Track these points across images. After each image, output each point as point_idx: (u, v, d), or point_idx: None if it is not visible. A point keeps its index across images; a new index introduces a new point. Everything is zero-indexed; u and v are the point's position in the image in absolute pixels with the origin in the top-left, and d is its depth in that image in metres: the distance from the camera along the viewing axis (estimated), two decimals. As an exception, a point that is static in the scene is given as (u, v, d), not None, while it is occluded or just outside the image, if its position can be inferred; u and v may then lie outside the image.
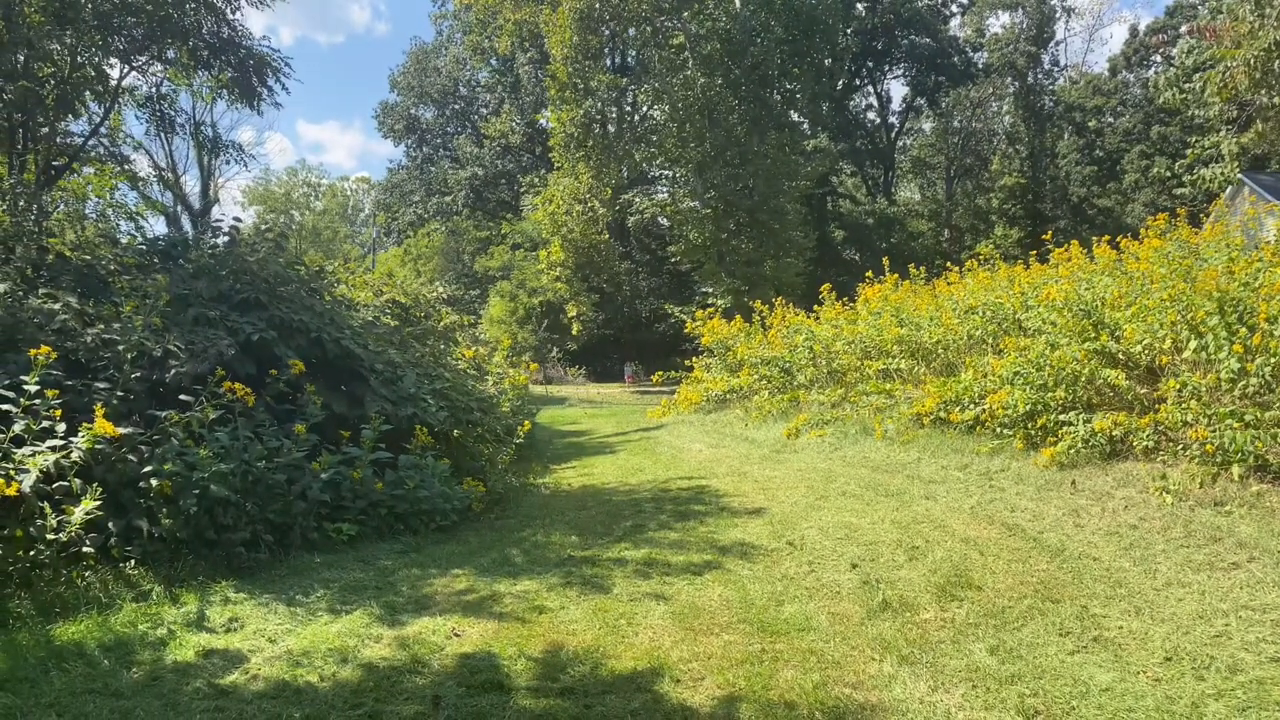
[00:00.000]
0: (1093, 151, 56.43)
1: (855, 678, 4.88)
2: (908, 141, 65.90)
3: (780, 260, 38.06)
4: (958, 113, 58.75)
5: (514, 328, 41.34)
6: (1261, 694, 4.40)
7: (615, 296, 43.78)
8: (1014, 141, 58.54)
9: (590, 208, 39.11)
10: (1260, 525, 6.94)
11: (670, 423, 19.09)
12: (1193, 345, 9.03)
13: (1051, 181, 56.46)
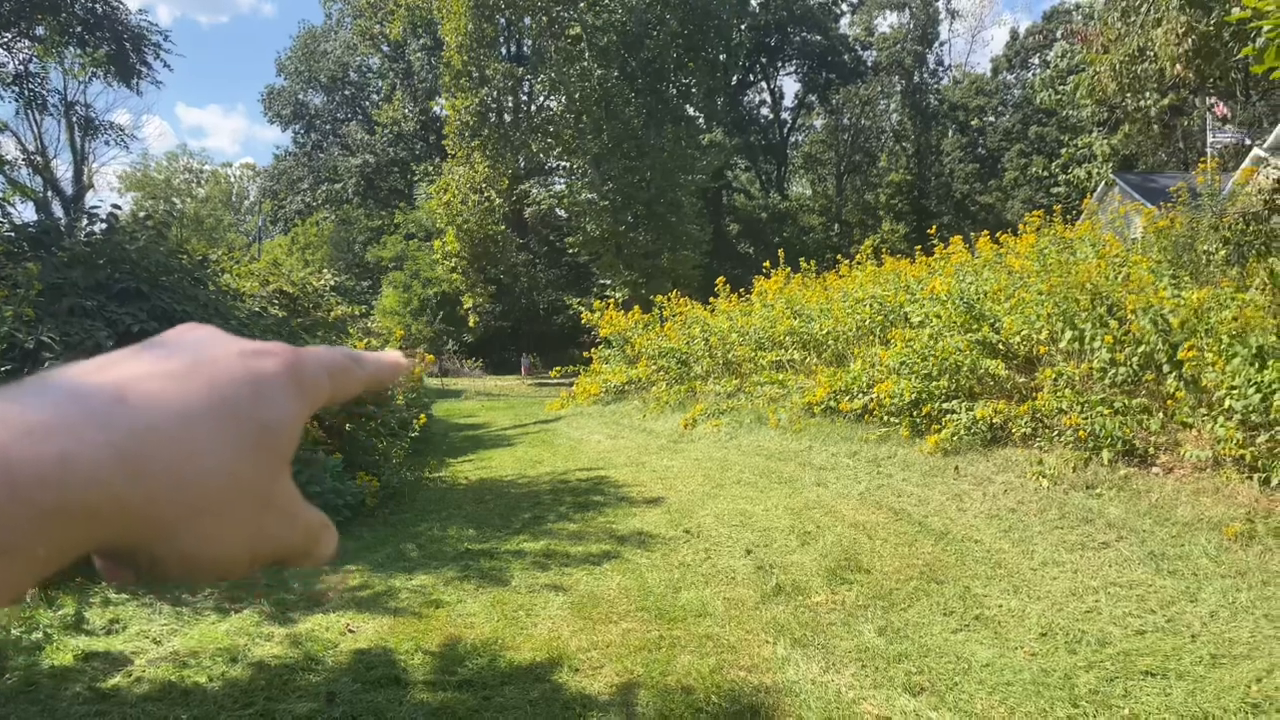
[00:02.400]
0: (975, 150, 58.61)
1: (750, 661, 4.99)
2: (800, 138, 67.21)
3: (677, 253, 38.37)
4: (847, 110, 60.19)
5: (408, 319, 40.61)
6: (1128, 665, 4.68)
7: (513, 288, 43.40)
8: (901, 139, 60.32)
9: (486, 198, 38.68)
10: (1127, 506, 7.37)
11: (569, 415, 19.09)
12: (1067, 336, 9.49)
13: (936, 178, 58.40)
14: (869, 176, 60.41)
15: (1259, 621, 5.09)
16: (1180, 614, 5.30)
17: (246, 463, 0.45)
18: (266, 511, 0.47)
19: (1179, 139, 26.22)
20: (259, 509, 0.46)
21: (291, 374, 0.48)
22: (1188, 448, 7.82)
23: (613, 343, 21.04)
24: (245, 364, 0.46)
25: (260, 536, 0.47)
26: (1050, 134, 49.43)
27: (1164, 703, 4.22)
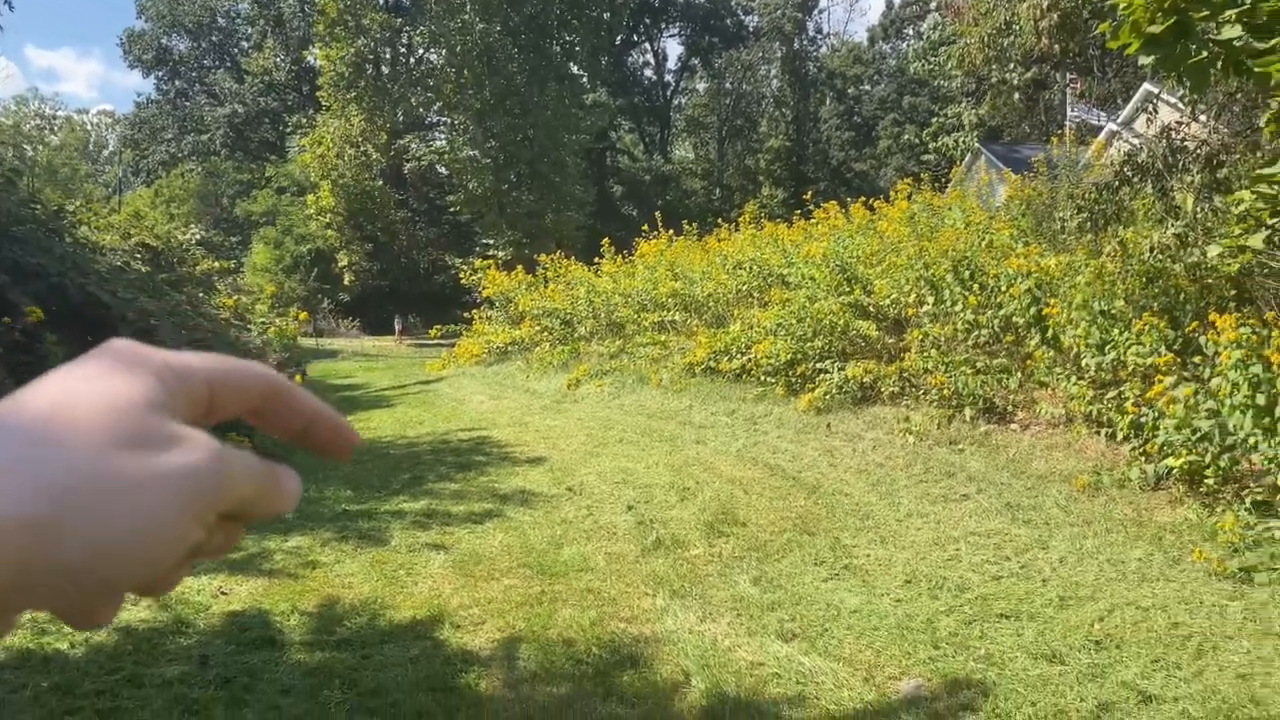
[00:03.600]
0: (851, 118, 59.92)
1: (630, 613, 5.10)
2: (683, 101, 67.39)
3: (561, 213, 38.15)
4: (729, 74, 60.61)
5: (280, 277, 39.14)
6: (985, 608, 4.98)
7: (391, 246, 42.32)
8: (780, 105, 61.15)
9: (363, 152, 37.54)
10: (987, 460, 7.78)
11: (451, 375, 18.86)
12: (933, 299, 9.90)
13: (814, 145, 59.54)
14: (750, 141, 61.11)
15: (1103, 566, 5.47)
16: (1033, 560, 5.65)
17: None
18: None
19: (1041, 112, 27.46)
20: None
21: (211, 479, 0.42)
22: (1043, 405, 8.29)
23: (495, 303, 20.84)
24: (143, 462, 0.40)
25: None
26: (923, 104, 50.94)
27: (1016, 642, 4.51)
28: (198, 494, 0.41)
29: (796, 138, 58.89)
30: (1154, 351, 7.18)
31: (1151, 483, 6.60)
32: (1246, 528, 5.53)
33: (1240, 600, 4.78)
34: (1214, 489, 6.15)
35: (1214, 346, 6.30)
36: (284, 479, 0.48)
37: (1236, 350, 6.00)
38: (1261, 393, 5.82)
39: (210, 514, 0.42)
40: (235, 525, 0.46)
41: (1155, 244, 7.19)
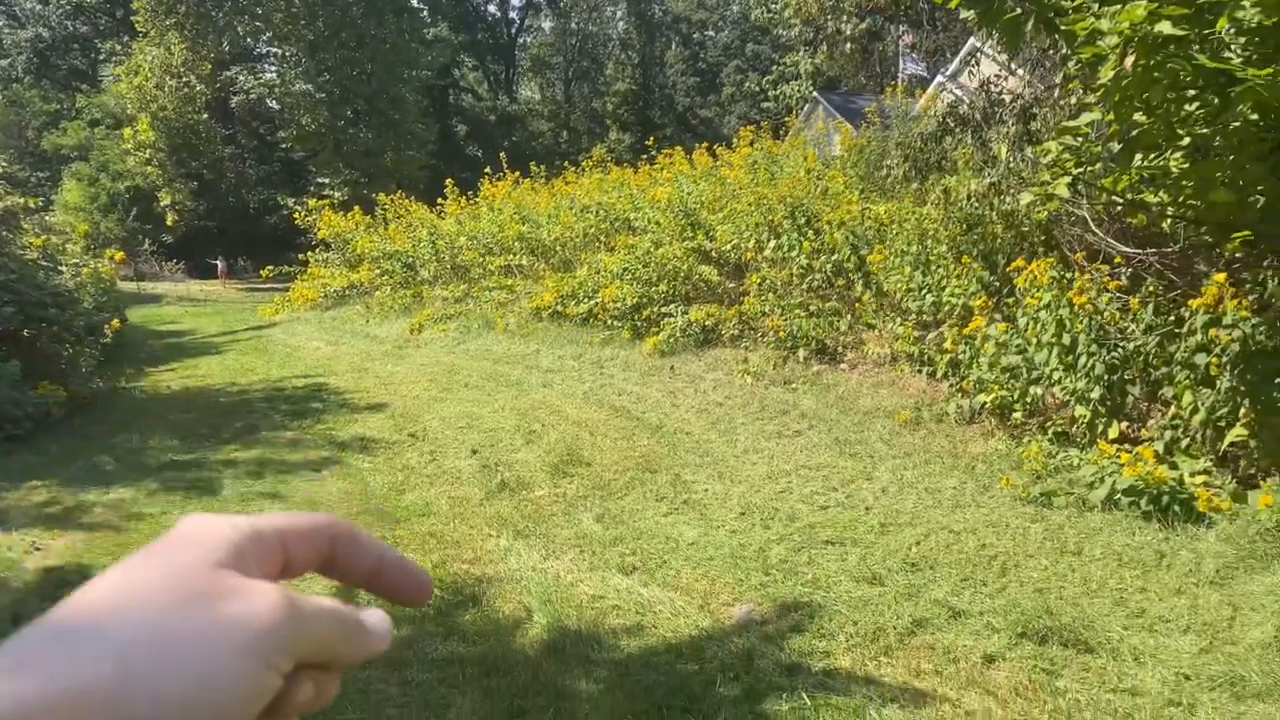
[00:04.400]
0: (696, 63, 60.20)
1: (474, 554, 5.12)
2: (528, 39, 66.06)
3: (402, 153, 36.90)
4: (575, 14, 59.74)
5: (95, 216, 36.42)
6: (813, 536, 5.25)
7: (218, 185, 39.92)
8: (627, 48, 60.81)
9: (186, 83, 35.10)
10: (818, 399, 8.13)
11: (285, 321, 18.13)
12: (771, 245, 10.19)
13: (660, 90, 59.60)
14: (597, 84, 60.61)
15: (920, 494, 5.85)
16: (858, 491, 5.98)
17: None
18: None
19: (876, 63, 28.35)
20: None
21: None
22: (871, 346, 8.72)
23: (332, 245, 20.08)
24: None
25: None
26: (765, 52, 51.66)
27: (841, 567, 4.79)
28: (264, 639, 0.39)
29: (643, 82, 58.79)
30: (971, 294, 7.65)
31: (967, 417, 7.07)
32: (1048, 457, 6.01)
33: (1041, 523, 5.21)
34: (1021, 422, 6.64)
35: (1024, 290, 6.76)
36: (369, 621, 0.47)
37: (1044, 293, 6.46)
38: (1066, 332, 6.30)
39: (284, 660, 0.40)
40: (328, 676, 0.45)
41: (972, 192, 7.62)
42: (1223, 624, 3.93)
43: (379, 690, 3.66)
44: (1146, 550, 4.70)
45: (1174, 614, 4.05)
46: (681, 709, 3.48)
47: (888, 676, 3.69)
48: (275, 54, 41.03)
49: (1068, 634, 3.87)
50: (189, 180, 37.10)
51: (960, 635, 3.97)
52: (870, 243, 9.13)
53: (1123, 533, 4.93)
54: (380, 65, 35.91)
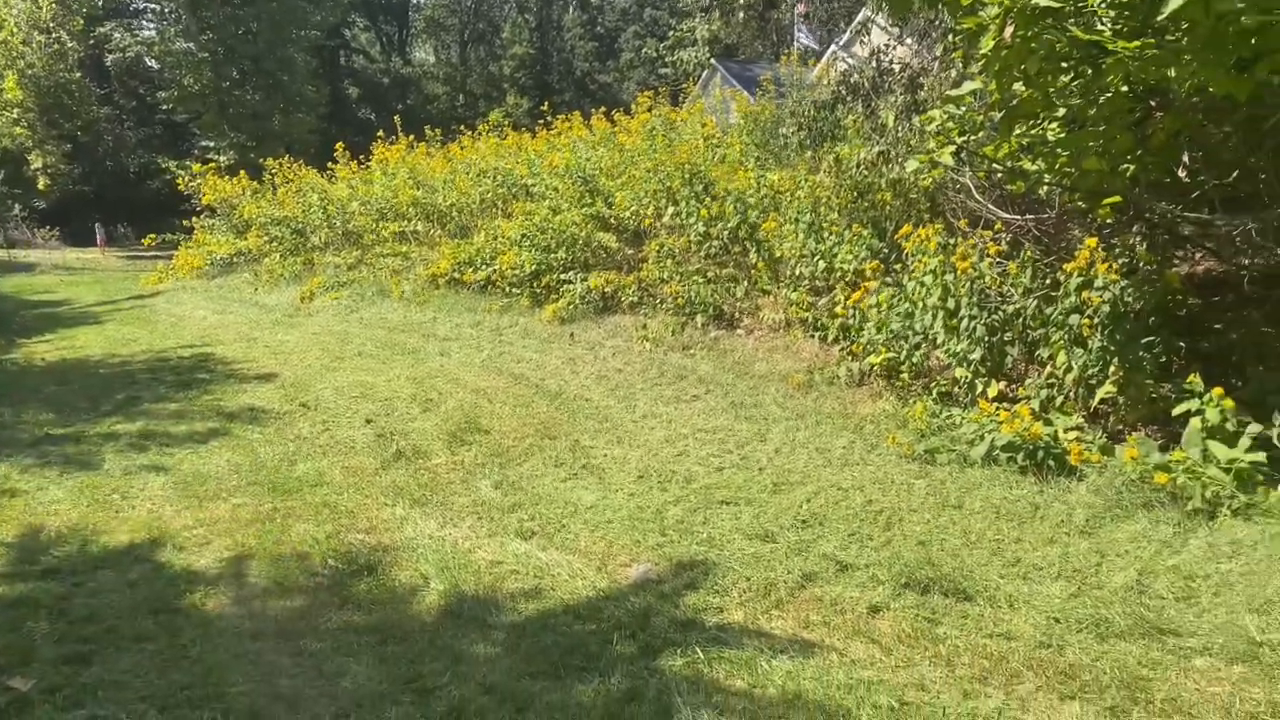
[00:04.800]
0: (594, 28, 59.67)
1: (369, 524, 5.06)
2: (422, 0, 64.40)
3: (290, 115, 35.65)
4: (472, -25, 58.48)
5: (-42, 180, 34.22)
6: (708, 497, 5.34)
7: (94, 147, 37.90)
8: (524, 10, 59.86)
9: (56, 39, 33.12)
10: (715, 364, 8.24)
11: (169, 289, 17.41)
12: (670, 212, 10.24)
13: (558, 55, 58.92)
14: (494, 47, 59.53)
15: (811, 454, 6.00)
16: (752, 452, 6.11)
17: None
18: None
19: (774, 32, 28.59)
20: None
21: None
22: (766, 312, 8.86)
23: (218, 211, 19.33)
24: None
25: None
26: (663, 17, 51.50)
27: (735, 525, 4.90)
28: None
29: (541, 46, 58.03)
30: (861, 261, 7.84)
31: (856, 379, 7.27)
32: (932, 416, 6.24)
33: (924, 479, 5.41)
34: (907, 383, 6.87)
35: (911, 255, 6.96)
36: None
37: (929, 258, 6.67)
38: (950, 296, 6.52)
39: None
40: None
41: (862, 160, 7.79)
42: (1090, 570, 4.17)
43: (269, 661, 3.60)
44: (1022, 503, 4.94)
45: (1046, 562, 4.27)
46: (579, 668, 3.52)
47: (778, 629, 3.80)
48: (153, 9, 39.04)
49: (948, 584, 4.05)
50: (62, 142, 35.08)
51: (847, 587, 4.11)
52: (767, 210, 9.25)
53: (1001, 486, 5.16)
54: (267, 24, 34.52)
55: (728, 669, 3.49)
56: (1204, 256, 7.19)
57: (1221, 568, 4.08)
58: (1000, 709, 3.16)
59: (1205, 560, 4.15)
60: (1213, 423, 5.00)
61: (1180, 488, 4.72)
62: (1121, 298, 5.53)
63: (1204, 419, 5.03)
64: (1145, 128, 5.73)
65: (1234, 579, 3.97)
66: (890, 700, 3.22)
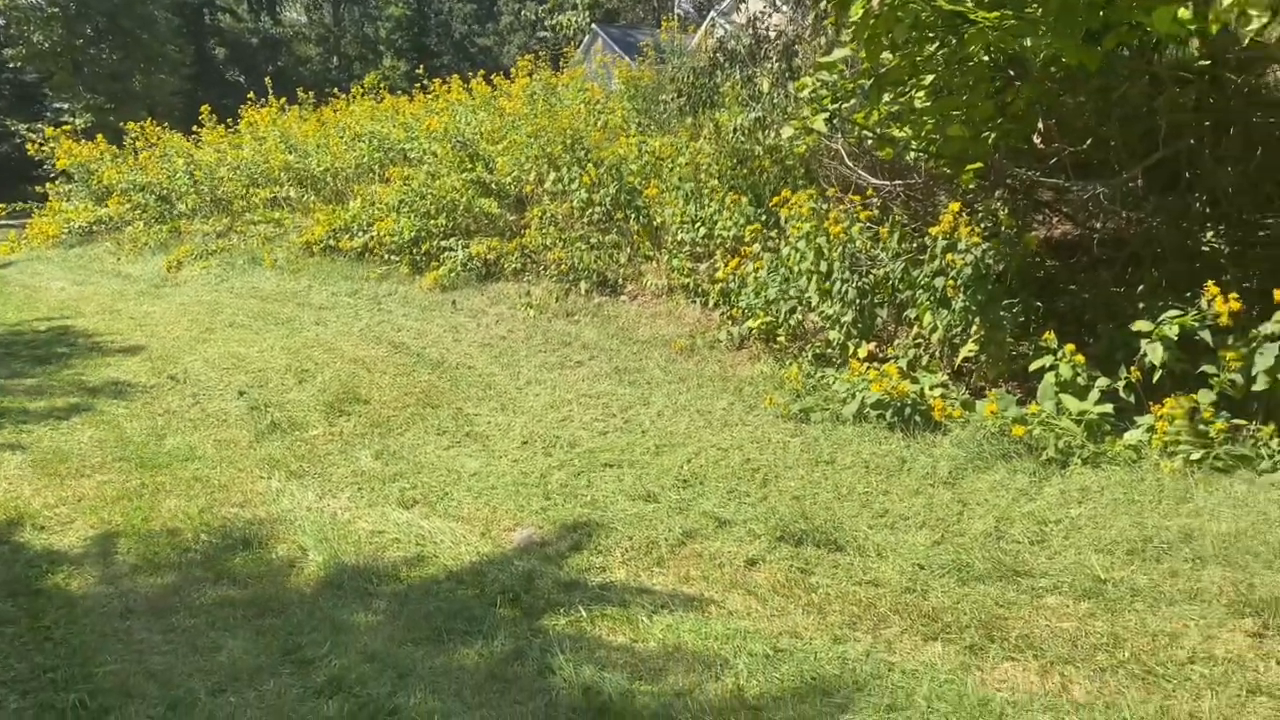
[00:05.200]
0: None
1: (243, 497, 4.94)
2: (293, -43, 61.75)
3: (152, 76, 33.93)
4: (344, -68, 56.37)
5: None
6: (592, 460, 5.40)
7: (-67, 108, 35.35)
8: (402, -31, 58.13)
9: (-119, -10, 30.63)
10: (600, 330, 8.28)
11: (22, 260, 16.39)
12: (552, 178, 10.17)
13: (436, 16, 57.50)
14: (369, 8, 57.66)
15: (693, 416, 6.12)
16: (635, 416, 6.19)
17: None
18: None
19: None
20: None
21: None
22: (649, 278, 8.93)
23: (75, 177, 18.25)
24: None
25: None
26: (545, -19, 50.82)
27: (618, 487, 4.97)
28: None
29: (418, 7, 56.49)
30: (741, 227, 7.96)
31: (736, 343, 7.42)
32: (807, 377, 6.43)
33: (799, 437, 5.59)
34: (784, 346, 7.05)
35: (787, 221, 7.11)
36: None
37: (803, 223, 6.83)
38: (824, 261, 6.70)
39: None
40: None
41: (740, 126, 7.90)
42: (953, 519, 4.39)
43: (140, 639, 3.50)
44: (890, 457, 5.16)
45: (912, 512, 4.48)
46: (462, 632, 3.54)
47: (660, 585, 3.89)
48: (-6, -41, 36.36)
49: (820, 535, 4.21)
50: (-107, 102, 32.52)
51: (726, 543, 4.23)
52: (649, 177, 9.29)
53: (871, 442, 5.37)
54: (122, -23, 32.66)
55: (610, 625, 3.56)
56: (1060, 220, 7.58)
57: (1072, 512, 4.35)
58: (868, 651, 3.32)
59: (1057, 506, 4.43)
60: (1065, 378, 5.30)
61: (1036, 439, 5.00)
62: (982, 260, 5.79)
63: (1057, 374, 5.33)
64: (1005, 96, 5.99)
65: (1082, 522, 4.25)
66: (765, 648, 3.34)
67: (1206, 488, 4.46)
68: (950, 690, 3.03)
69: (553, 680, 3.17)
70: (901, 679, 3.11)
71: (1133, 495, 4.45)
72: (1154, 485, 4.52)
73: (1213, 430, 4.75)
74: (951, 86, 5.73)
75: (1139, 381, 5.23)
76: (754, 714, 2.95)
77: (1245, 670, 3.10)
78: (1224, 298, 4.97)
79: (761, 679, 3.15)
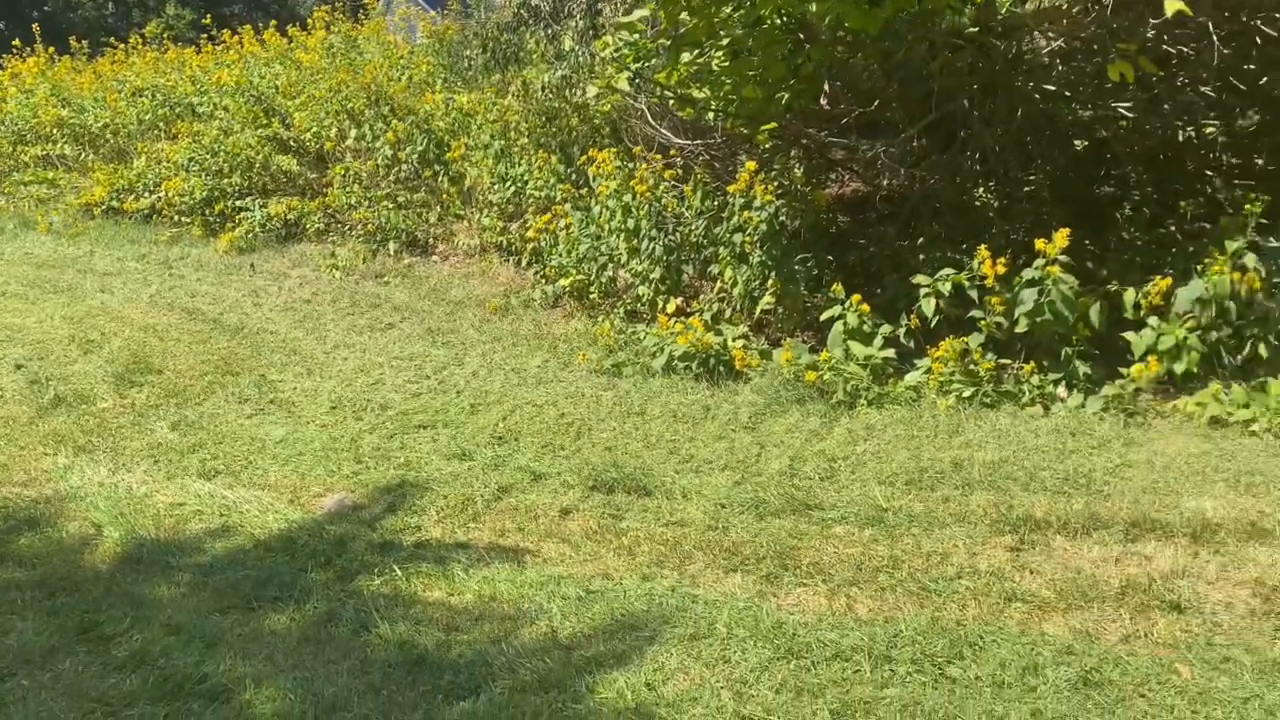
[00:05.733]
0: (267, -65, 55.09)
1: (26, 476, 4.64)
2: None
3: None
4: None
5: None
6: (405, 422, 5.37)
7: None
8: (183, -90, 53.98)
9: None
10: (411, 291, 8.16)
11: None
12: (354, 134, 9.86)
13: (227, -38, 53.96)
14: (148, -51, 53.39)
15: (508, 375, 6.17)
16: (450, 376, 6.17)
17: None
18: None
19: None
20: None
21: None
22: (461, 238, 8.85)
23: None
24: None
25: None
26: (343, -71, 48.50)
27: (433, 448, 4.98)
28: None
29: (204, -49, 52.70)
30: (551, 186, 8.01)
31: (550, 302, 7.50)
32: (619, 333, 6.60)
33: (612, 390, 5.75)
34: (597, 303, 7.19)
35: (595, 179, 7.22)
36: None
37: (611, 182, 6.96)
38: (631, 219, 6.86)
39: None
40: None
41: (546, 84, 7.92)
42: (752, 460, 4.67)
43: (-89, 632, 3.26)
44: (696, 406, 5.40)
45: (715, 456, 4.73)
46: (273, 598, 3.50)
47: (475, 539, 3.96)
48: None
49: (630, 482, 4.38)
50: None
51: (541, 495, 4.34)
52: (457, 134, 9.16)
53: (678, 393, 5.60)
54: None
55: (425, 582, 3.61)
56: (851, 179, 8.04)
57: (858, 449, 4.72)
58: (674, 587, 3.52)
59: (845, 444, 4.78)
60: (853, 326, 5.69)
61: (827, 383, 5.37)
62: (776, 217, 6.10)
63: (845, 323, 5.71)
64: (796, 59, 6.29)
65: (867, 458, 4.61)
66: (578, 591, 3.49)
67: (976, 422, 4.93)
68: (748, 616, 3.26)
69: (368, 638, 3.19)
70: (704, 609, 3.32)
71: (912, 431, 4.86)
72: (930, 421, 4.96)
73: (981, 369, 5.24)
74: (746, 48, 5.96)
75: (918, 328, 5.69)
76: (567, 653, 3.08)
77: (1004, 581, 3.49)
78: (992, 260, 5.42)
79: (574, 620, 3.29)
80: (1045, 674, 2.87)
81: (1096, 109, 6.71)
